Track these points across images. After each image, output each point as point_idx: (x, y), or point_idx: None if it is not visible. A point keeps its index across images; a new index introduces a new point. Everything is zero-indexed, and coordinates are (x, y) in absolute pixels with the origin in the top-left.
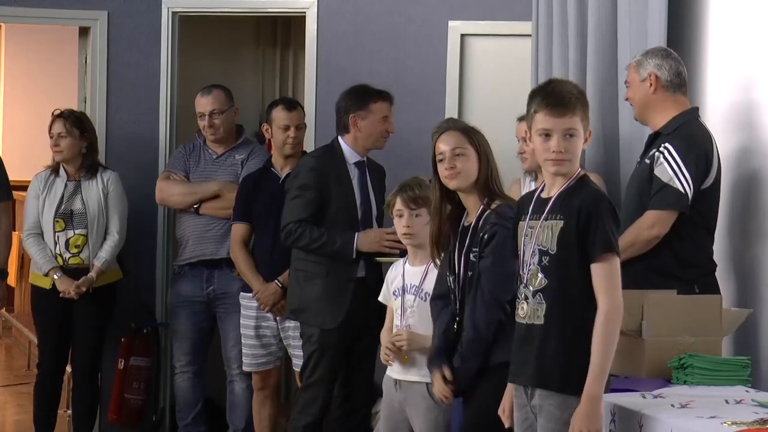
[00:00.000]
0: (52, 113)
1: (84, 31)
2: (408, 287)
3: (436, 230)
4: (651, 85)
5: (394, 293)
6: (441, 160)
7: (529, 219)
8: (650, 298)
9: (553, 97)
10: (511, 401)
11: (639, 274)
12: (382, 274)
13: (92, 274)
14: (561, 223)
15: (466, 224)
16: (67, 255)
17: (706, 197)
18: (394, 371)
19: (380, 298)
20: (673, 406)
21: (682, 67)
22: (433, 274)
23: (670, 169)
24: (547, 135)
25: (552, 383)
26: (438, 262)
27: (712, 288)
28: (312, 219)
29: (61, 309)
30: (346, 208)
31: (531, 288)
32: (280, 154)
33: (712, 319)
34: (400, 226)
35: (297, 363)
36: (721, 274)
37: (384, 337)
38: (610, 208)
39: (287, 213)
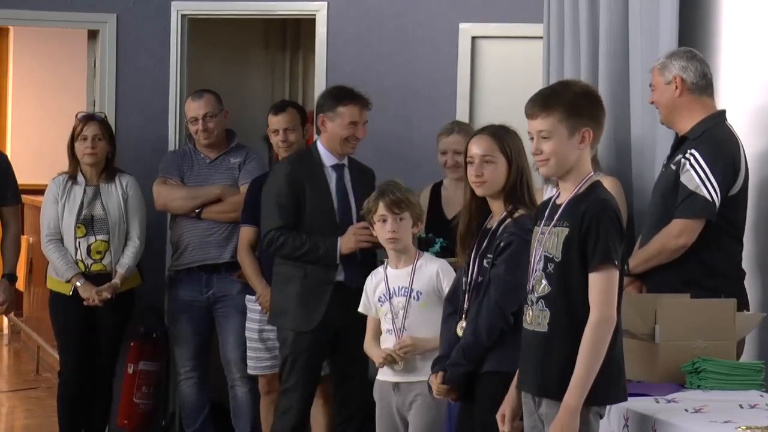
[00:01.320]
0: (77, 115)
1: (93, 35)
2: (395, 290)
3: (465, 229)
4: (676, 88)
5: (379, 300)
6: (470, 163)
7: (542, 225)
8: (663, 301)
9: (530, 100)
10: (511, 407)
11: (665, 283)
12: (363, 279)
13: (116, 280)
14: (566, 231)
15: (488, 227)
16: (89, 261)
17: (734, 204)
18: (391, 375)
19: (360, 309)
20: (686, 410)
21: (707, 68)
22: (421, 272)
23: (697, 176)
24: (531, 138)
25: (554, 393)
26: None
27: (740, 297)
28: (291, 225)
29: (82, 315)
30: (323, 213)
31: (535, 294)
32: (280, 157)
33: (725, 323)
34: (384, 231)
35: None
36: (748, 280)
37: (371, 346)
38: (613, 217)
39: (266, 220)
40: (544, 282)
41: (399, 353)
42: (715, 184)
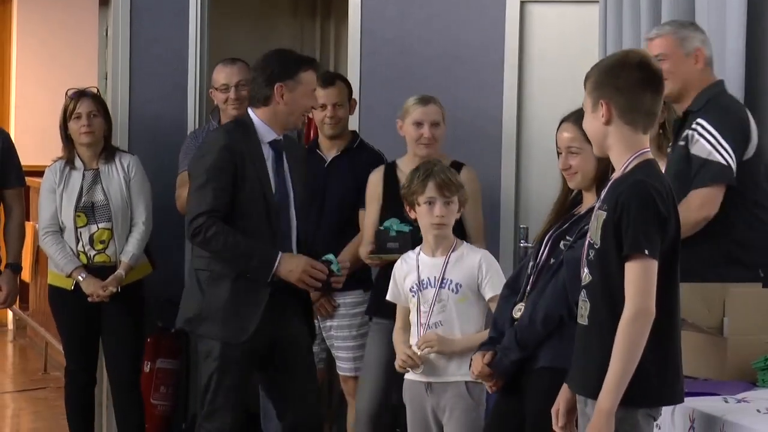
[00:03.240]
0: (67, 93)
1: (105, 2)
2: (428, 281)
3: (554, 219)
4: (697, 61)
5: (410, 291)
6: (559, 154)
7: (596, 208)
8: (733, 291)
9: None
10: (566, 402)
11: (703, 263)
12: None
13: (120, 271)
14: (604, 215)
15: (574, 213)
16: (92, 252)
17: (750, 169)
18: (425, 374)
19: (389, 297)
20: (758, 411)
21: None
22: (461, 263)
23: (708, 144)
24: None
25: (592, 392)
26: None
27: None
28: (224, 212)
29: (86, 310)
30: (261, 198)
31: (582, 284)
32: (324, 134)
33: None
34: (430, 215)
35: (342, 366)
36: None
37: (398, 340)
38: (647, 201)
39: (196, 201)
40: (586, 270)
41: (421, 349)
42: (727, 147)
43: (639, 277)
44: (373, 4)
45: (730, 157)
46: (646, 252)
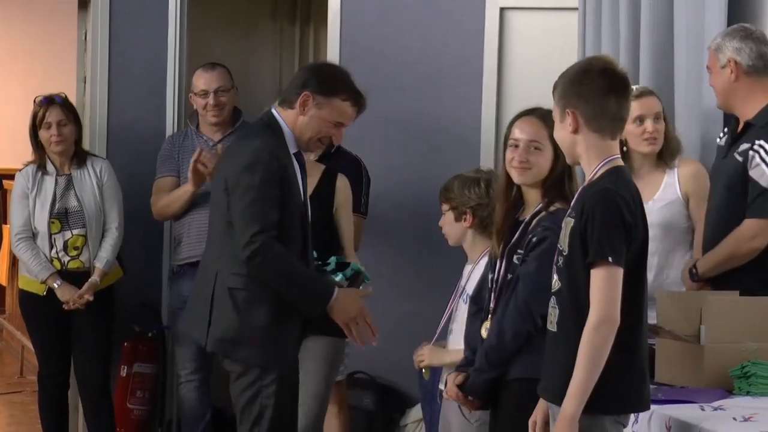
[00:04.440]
0: (36, 100)
1: (83, 4)
2: (458, 288)
3: (502, 219)
4: (731, 72)
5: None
6: (515, 147)
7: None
8: (710, 299)
9: None
10: (543, 414)
11: (739, 286)
12: None
13: (95, 278)
14: (572, 222)
15: (519, 219)
16: (66, 258)
17: None
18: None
19: None
20: (735, 419)
21: (765, 47)
22: (474, 273)
23: None
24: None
25: (558, 398)
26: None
27: None
28: (277, 227)
29: (57, 315)
30: (298, 214)
31: (552, 290)
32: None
33: None
34: None
35: None
36: None
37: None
38: (612, 209)
39: (250, 219)
40: (555, 277)
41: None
42: None
43: (603, 285)
44: (352, 10)
45: None
46: (610, 259)
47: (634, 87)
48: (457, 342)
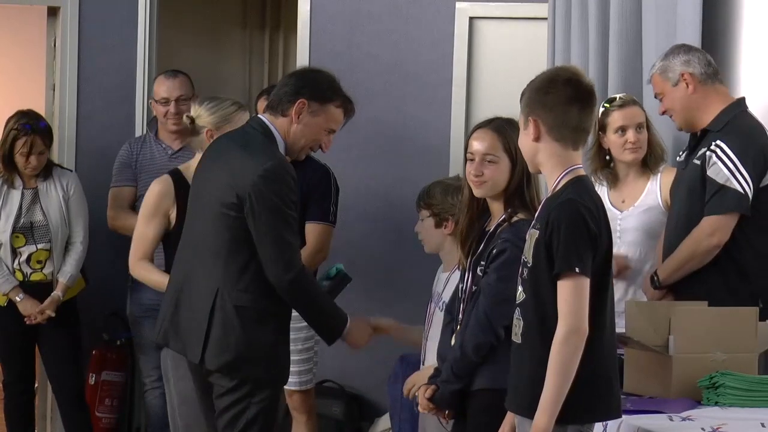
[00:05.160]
0: (19, 122)
1: (53, 11)
2: (433, 295)
3: (466, 229)
4: (687, 85)
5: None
6: (470, 161)
7: (531, 227)
8: (678, 310)
9: None
10: (510, 426)
11: (711, 294)
12: None
13: (58, 292)
14: (537, 233)
15: (486, 229)
16: (28, 270)
17: (765, 197)
18: None
19: None
20: (703, 429)
21: (707, 55)
22: (454, 281)
23: (726, 168)
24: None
25: (527, 411)
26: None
27: None
28: None
29: (20, 324)
30: (299, 232)
31: (517, 302)
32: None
33: (746, 334)
34: None
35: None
36: None
37: None
38: (577, 220)
39: (286, 245)
40: (520, 288)
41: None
42: (746, 175)
43: (571, 296)
44: (322, 17)
45: (748, 185)
46: (577, 270)
47: (618, 96)
48: (434, 349)
